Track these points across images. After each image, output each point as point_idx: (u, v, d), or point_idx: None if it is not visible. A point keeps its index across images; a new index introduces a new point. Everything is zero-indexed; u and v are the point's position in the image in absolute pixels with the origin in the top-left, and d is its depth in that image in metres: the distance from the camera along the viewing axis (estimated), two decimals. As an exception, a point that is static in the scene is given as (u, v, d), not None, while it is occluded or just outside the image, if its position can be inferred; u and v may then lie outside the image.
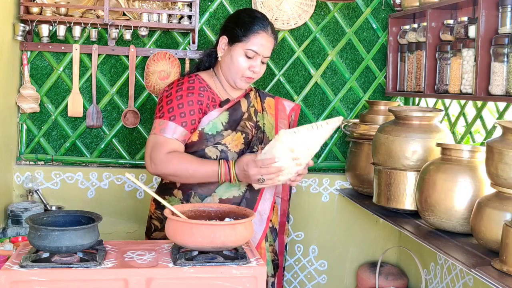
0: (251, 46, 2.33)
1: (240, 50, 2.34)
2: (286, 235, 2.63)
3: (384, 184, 2.64)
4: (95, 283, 1.69)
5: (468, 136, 2.88)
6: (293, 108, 2.61)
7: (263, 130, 2.43)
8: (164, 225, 2.36)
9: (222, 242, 1.77)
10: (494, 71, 2.25)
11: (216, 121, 2.32)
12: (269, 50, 2.37)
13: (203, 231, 1.76)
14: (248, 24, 2.36)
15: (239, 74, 2.35)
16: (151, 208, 2.45)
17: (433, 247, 2.20)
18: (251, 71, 2.35)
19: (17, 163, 3.17)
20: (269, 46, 2.36)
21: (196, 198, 2.32)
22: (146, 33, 3.08)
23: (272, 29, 2.39)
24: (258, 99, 2.50)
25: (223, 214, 1.98)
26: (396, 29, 3.21)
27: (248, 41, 2.33)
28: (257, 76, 2.39)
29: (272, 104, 2.54)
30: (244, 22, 2.37)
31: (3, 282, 1.65)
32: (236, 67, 2.34)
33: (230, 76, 2.37)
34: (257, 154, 2.16)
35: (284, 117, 2.55)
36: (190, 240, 1.77)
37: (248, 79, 2.37)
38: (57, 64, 3.18)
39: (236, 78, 2.36)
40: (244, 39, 2.33)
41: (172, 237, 1.82)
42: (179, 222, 1.80)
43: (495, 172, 1.99)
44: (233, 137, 2.33)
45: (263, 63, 2.38)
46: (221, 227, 1.78)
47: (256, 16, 2.39)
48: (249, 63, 2.34)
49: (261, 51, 2.34)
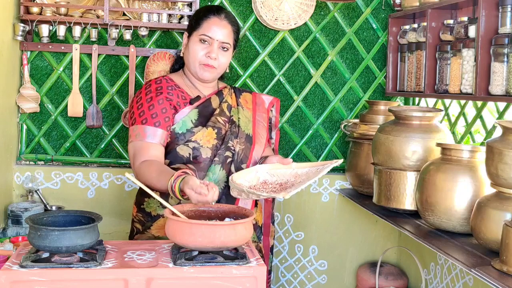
0: (203, 31, 2.36)
1: (195, 38, 2.38)
2: (272, 237, 2.63)
3: (384, 184, 2.64)
4: (95, 283, 1.69)
5: (468, 136, 2.87)
6: (272, 101, 2.62)
7: (238, 124, 2.43)
8: (145, 228, 2.37)
9: (222, 242, 1.77)
10: (494, 71, 2.25)
11: (186, 119, 2.33)
12: (224, 35, 2.37)
13: (203, 231, 1.76)
14: (200, 13, 2.43)
15: (197, 62, 2.37)
16: (133, 211, 2.44)
17: (433, 247, 2.20)
18: (208, 57, 2.35)
19: (17, 163, 3.17)
20: (223, 31, 2.37)
21: (174, 198, 2.25)
22: (146, 33, 3.08)
23: (226, 15, 2.41)
24: (233, 95, 2.51)
25: (223, 214, 1.98)
26: (396, 29, 3.21)
27: (201, 27, 2.37)
28: (218, 65, 2.38)
29: (249, 99, 2.55)
30: (198, 12, 2.46)
31: (3, 282, 1.65)
32: (193, 55, 2.37)
33: (191, 67, 2.39)
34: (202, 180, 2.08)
35: (263, 111, 2.56)
36: (190, 240, 1.77)
37: (206, 66, 2.36)
38: (57, 64, 3.18)
39: (196, 68, 2.38)
40: (197, 26, 2.38)
41: (172, 237, 1.82)
42: (179, 222, 1.80)
43: (495, 172, 1.99)
44: (203, 133, 2.33)
45: (224, 51, 2.38)
46: (221, 227, 1.78)
47: (211, 6, 2.48)
48: (206, 49, 2.36)
49: (214, 35, 2.35)
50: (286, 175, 2.29)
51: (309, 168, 2.29)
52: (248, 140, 2.43)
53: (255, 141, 2.46)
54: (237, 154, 2.38)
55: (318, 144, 3.39)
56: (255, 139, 2.46)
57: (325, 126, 3.38)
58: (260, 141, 2.48)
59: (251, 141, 2.44)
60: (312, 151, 3.38)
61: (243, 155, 2.40)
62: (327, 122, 3.38)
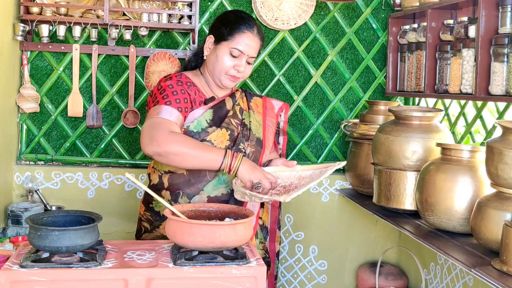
0: (236, 45, 2.33)
1: (225, 48, 2.34)
2: (278, 242, 2.62)
3: (384, 184, 2.64)
4: (95, 283, 1.69)
5: (468, 136, 2.88)
6: (281, 107, 2.62)
7: (249, 127, 2.43)
8: (153, 227, 2.37)
9: (222, 242, 1.77)
10: (494, 71, 2.25)
11: (201, 119, 2.32)
12: (255, 51, 2.38)
13: (203, 231, 1.76)
14: (234, 24, 2.37)
15: (223, 72, 2.35)
16: (141, 210, 2.44)
17: (433, 247, 2.20)
18: (236, 70, 2.35)
19: (17, 163, 3.17)
20: (254, 46, 2.37)
21: (184, 198, 2.31)
22: (146, 33, 3.08)
23: (258, 30, 2.39)
24: (244, 98, 2.51)
25: (223, 214, 1.98)
26: (396, 29, 3.21)
27: (233, 40, 2.34)
28: (243, 76, 2.39)
29: (259, 103, 2.55)
30: (230, 21, 2.38)
31: (3, 282, 1.65)
32: (220, 65, 2.35)
33: (216, 74, 2.38)
34: None
35: (273, 116, 2.57)
36: (190, 240, 1.77)
37: (232, 77, 2.37)
38: (57, 64, 3.18)
39: (221, 76, 2.37)
40: (229, 38, 2.34)
41: (172, 237, 1.82)
42: (179, 222, 1.80)
43: (495, 172, 1.99)
44: (218, 133, 2.32)
45: (248, 64, 2.39)
46: (221, 227, 1.78)
47: (242, 16, 2.41)
48: (234, 62, 2.34)
49: (246, 50, 2.34)
50: (290, 177, 2.31)
51: (313, 171, 2.30)
52: (258, 144, 2.44)
53: (265, 145, 2.46)
54: (248, 156, 2.38)
55: (318, 144, 3.39)
56: (265, 143, 2.47)
57: (325, 126, 3.39)
58: (269, 145, 2.50)
59: (261, 144, 2.45)
60: (312, 151, 3.38)
61: (253, 158, 2.40)
62: (327, 122, 3.38)
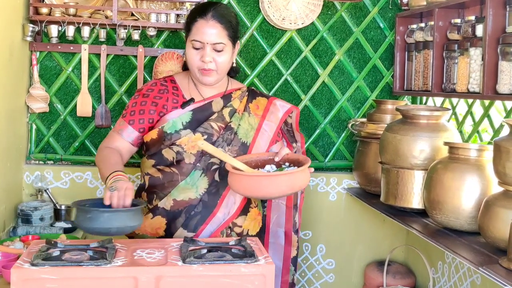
0: (194, 36, 2.27)
1: (188, 43, 2.31)
2: (295, 247, 2.54)
3: (391, 183, 2.65)
4: (105, 281, 1.71)
5: (476, 135, 2.87)
6: (289, 110, 2.48)
7: (235, 131, 2.36)
8: None
9: (287, 189, 2.10)
10: (502, 70, 2.25)
11: (177, 120, 2.30)
12: (214, 36, 2.25)
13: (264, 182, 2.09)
14: (189, 16, 2.34)
15: (195, 68, 2.30)
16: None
17: (441, 246, 2.21)
18: (202, 61, 2.27)
19: (26, 163, 3.19)
20: (211, 31, 2.25)
21: (157, 200, 2.32)
22: (154, 33, 3.10)
23: (214, 14, 2.26)
24: (244, 98, 2.43)
25: (263, 163, 2.25)
26: (404, 28, 3.21)
27: (191, 32, 2.29)
28: (217, 66, 2.29)
29: (262, 104, 2.46)
30: (189, 15, 2.35)
31: (15, 280, 1.67)
32: (190, 62, 2.32)
33: (192, 72, 2.35)
34: None
35: (274, 120, 2.45)
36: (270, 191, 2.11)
37: (204, 71, 2.29)
38: (66, 64, 3.20)
39: (196, 73, 2.32)
40: (188, 32, 2.31)
41: (239, 190, 2.11)
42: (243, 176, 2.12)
43: (503, 170, 1.99)
44: (190, 138, 2.28)
45: (219, 51, 2.27)
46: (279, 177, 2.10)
47: (198, 5, 2.36)
48: (199, 54, 2.28)
49: (204, 38, 2.25)
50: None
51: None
52: (242, 149, 2.35)
53: (251, 152, 2.36)
54: None
55: (326, 144, 3.39)
56: (251, 149, 2.37)
57: (332, 126, 3.39)
58: (258, 151, 2.38)
59: (246, 150, 2.36)
60: (320, 150, 3.39)
61: None
62: (334, 121, 3.39)
